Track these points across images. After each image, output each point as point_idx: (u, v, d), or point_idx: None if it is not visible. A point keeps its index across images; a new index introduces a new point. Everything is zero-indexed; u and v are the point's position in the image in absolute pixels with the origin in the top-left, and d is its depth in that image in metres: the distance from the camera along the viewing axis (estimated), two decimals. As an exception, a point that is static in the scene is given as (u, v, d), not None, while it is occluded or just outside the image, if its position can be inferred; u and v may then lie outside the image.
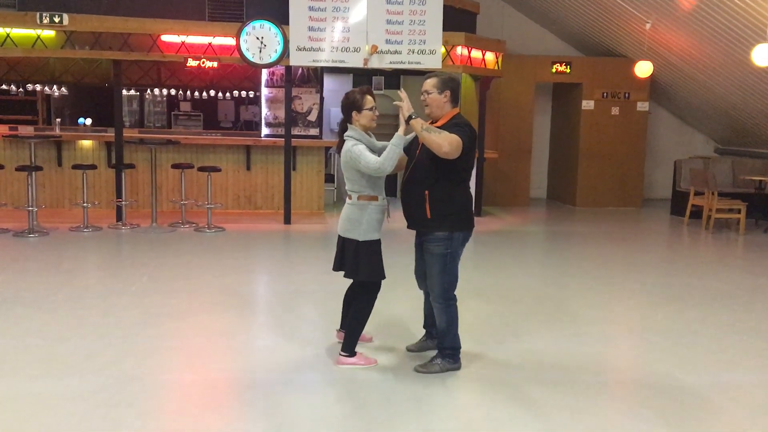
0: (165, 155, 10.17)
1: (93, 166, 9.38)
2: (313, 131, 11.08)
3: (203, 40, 9.43)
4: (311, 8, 9.25)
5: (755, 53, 7.80)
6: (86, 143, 10.25)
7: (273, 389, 4.04)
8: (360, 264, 4.23)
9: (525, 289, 6.58)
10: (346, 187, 4.31)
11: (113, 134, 9.72)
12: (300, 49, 9.32)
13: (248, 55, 9.35)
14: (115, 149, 9.68)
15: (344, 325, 4.58)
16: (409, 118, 4.10)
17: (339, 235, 4.37)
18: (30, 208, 8.56)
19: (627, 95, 12.59)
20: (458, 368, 4.35)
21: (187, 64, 9.55)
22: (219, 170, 9.62)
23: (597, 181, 12.70)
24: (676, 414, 3.84)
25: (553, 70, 12.51)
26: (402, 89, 4.24)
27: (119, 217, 9.47)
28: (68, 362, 4.37)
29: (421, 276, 4.53)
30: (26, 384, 4.02)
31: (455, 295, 4.33)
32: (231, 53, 9.49)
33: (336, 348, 4.75)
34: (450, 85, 4.27)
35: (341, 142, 4.28)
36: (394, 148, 4.09)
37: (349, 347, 4.38)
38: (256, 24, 9.30)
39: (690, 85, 12.04)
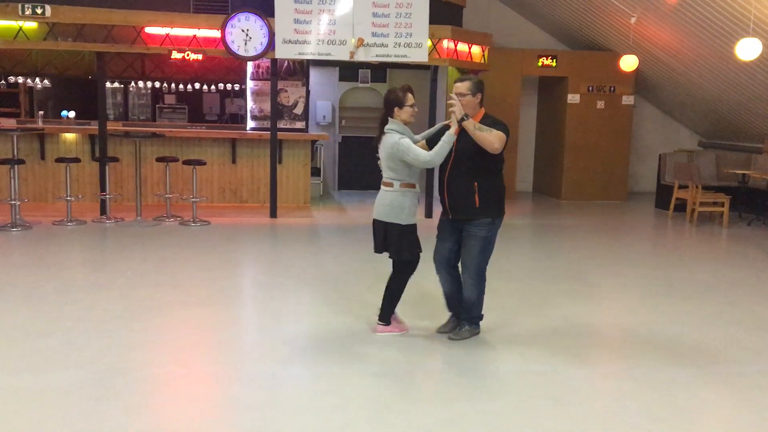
0: (149, 148, 10.10)
1: (77, 159, 9.29)
2: (300, 124, 11.04)
3: (188, 32, 9.35)
4: (297, 0, 9.20)
5: (739, 47, 7.84)
6: (69, 136, 10.15)
7: (260, 383, 4.03)
8: (403, 245, 4.67)
9: (511, 282, 6.60)
10: (386, 176, 4.68)
11: (97, 127, 9.64)
12: (286, 42, 9.28)
13: (233, 48, 9.29)
14: (99, 142, 9.59)
15: (383, 318, 4.93)
16: (462, 119, 4.49)
17: (378, 221, 4.71)
18: (12, 202, 8.47)
19: (612, 89, 12.65)
20: (479, 333, 4.90)
21: (172, 57, 9.47)
22: (204, 163, 9.56)
23: (582, 174, 12.76)
24: (662, 406, 3.87)
25: (539, 64, 12.53)
26: (453, 95, 4.58)
27: (103, 211, 9.39)
28: (52, 356, 4.34)
29: (442, 260, 4.87)
30: (10, 379, 3.98)
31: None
32: (216, 45, 9.42)
33: (324, 339, 4.76)
34: (480, 87, 4.69)
35: (381, 134, 4.67)
36: (446, 145, 4.50)
37: (386, 317, 4.84)
38: (242, 16, 9.24)
39: (674, 78, 12.12)
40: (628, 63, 10.85)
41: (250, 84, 10.92)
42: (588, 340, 5.00)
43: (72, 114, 11.61)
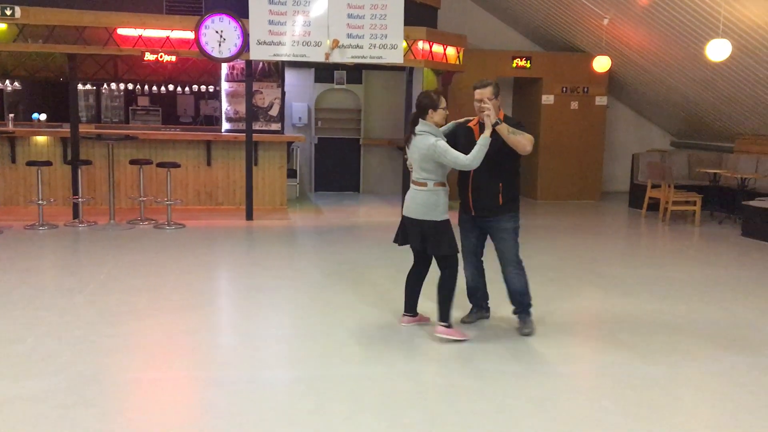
0: (123, 151, 9.98)
1: (48, 163, 9.16)
2: (275, 126, 10.98)
3: (161, 33, 9.26)
4: (271, 2, 9.16)
5: (709, 48, 7.96)
6: (41, 139, 10.00)
7: (236, 387, 4.00)
8: (442, 240, 4.76)
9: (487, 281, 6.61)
10: (418, 177, 4.78)
11: (69, 130, 9.50)
12: (260, 43, 9.23)
13: (207, 49, 9.23)
14: (71, 145, 9.46)
15: (409, 309, 5.13)
16: (496, 123, 4.66)
17: (413, 219, 4.81)
18: (-18, 206, 8.32)
19: (586, 90, 12.77)
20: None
21: (145, 58, 9.37)
22: (178, 166, 9.48)
23: (557, 174, 12.86)
24: (636, 404, 3.91)
25: (514, 65, 12.62)
26: (487, 99, 4.72)
27: (76, 215, 9.26)
28: (24, 363, 4.26)
29: (470, 253, 5.11)
30: (-20, 387, 3.90)
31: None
32: (190, 47, 9.35)
33: (301, 342, 4.74)
34: (498, 90, 4.88)
35: (410, 135, 4.79)
36: (482, 148, 4.62)
37: (445, 316, 4.82)
38: (215, 17, 9.18)
39: (647, 79, 12.27)
40: (601, 64, 10.97)
41: (224, 85, 10.84)
42: (563, 340, 5.03)
43: (43, 116, 11.44)
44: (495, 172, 4.82)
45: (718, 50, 7.90)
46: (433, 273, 4.96)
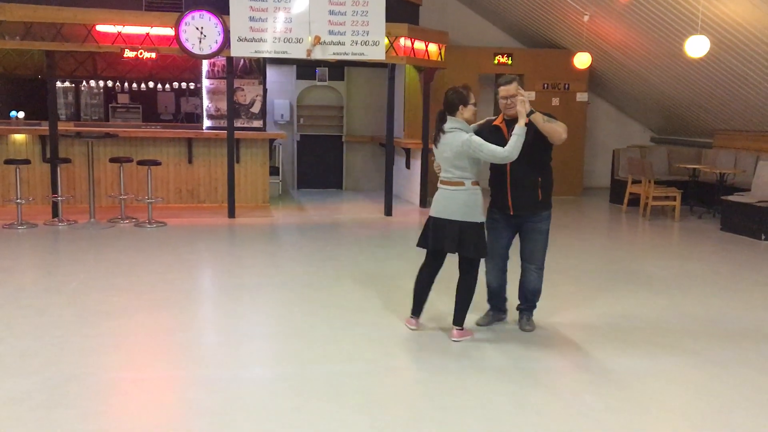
0: (103, 149, 9.89)
1: (27, 161, 9.06)
2: (257, 123, 10.94)
3: (140, 30, 9.18)
4: (252, -2, 9.11)
5: (688, 45, 8.03)
6: (19, 137, 9.88)
7: (217, 385, 3.98)
8: (479, 243, 4.65)
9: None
10: (452, 176, 4.62)
11: (47, 128, 9.40)
12: (241, 40, 9.18)
13: (188, 46, 9.17)
14: (50, 143, 9.36)
15: (419, 310, 4.98)
16: (530, 113, 4.57)
17: (452, 221, 4.59)
18: (-41, 206, 8.22)
19: (567, 86, 12.84)
20: None
21: (124, 55, 9.29)
22: (159, 164, 9.41)
23: (539, 170, 12.90)
24: (616, 397, 3.94)
25: (495, 62, 12.65)
26: (519, 87, 4.68)
27: (55, 213, 9.17)
28: (3, 363, 4.21)
29: (499, 256, 4.95)
30: (-43, 388, 3.85)
31: None
32: (170, 44, 9.27)
33: (283, 340, 4.73)
34: (521, 85, 4.79)
35: (439, 134, 4.65)
36: (519, 138, 4.49)
37: (461, 320, 4.78)
38: (196, 14, 9.12)
39: (627, 75, 12.36)
40: (582, 60, 11.03)
41: (205, 82, 10.78)
42: (543, 333, 5.06)
43: (21, 114, 11.30)
44: (532, 165, 4.69)
45: (696, 47, 7.96)
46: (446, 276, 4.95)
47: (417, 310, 4.99)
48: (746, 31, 8.46)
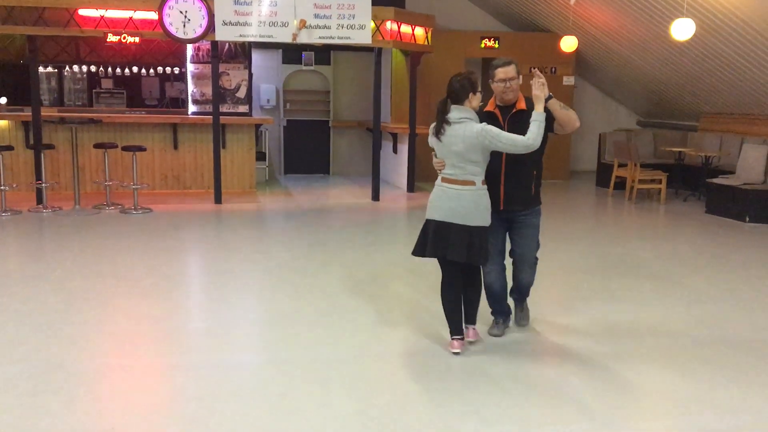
0: (87, 135, 9.80)
1: (10, 147, 8.95)
2: (243, 108, 10.86)
3: (123, 14, 9.06)
4: (236, -19, 9.02)
5: (673, 28, 8.04)
6: (1, 123, 9.76)
7: (205, 372, 3.98)
8: (486, 248, 4.23)
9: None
10: (460, 173, 4.11)
11: (30, 113, 9.28)
12: (226, 24, 9.09)
13: (171, 30, 9.06)
14: (33, 129, 9.25)
15: (461, 330, 4.34)
16: (549, 97, 4.24)
17: (461, 225, 4.09)
18: (-59, 193, 8.12)
19: (553, 70, 12.83)
20: None
21: (108, 40, 9.19)
22: (144, 149, 9.34)
23: (526, 154, 12.92)
24: (600, 379, 3.98)
25: (482, 45, 12.62)
26: (537, 69, 4.41)
27: (40, 200, 9.09)
28: (-13, 352, 4.19)
29: (498, 253, 4.54)
30: (-58, 377, 3.83)
31: None
32: (153, 28, 9.17)
33: (271, 326, 4.73)
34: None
35: (443, 125, 4.11)
36: (541, 124, 4.10)
37: (475, 317, 4.50)
38: (180, -3, 9.01)
39: (613, 59, 12.36)
40: (568, 44, 11.02)
41: (190, 67, 10.68)
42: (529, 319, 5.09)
43: (3, 100, 11.17)
44: (530, 158, 4.27)
45: (682, 29, 7.98)
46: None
47: (460, 329, 4.34)
48: (731, 14, 8.48)
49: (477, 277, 4.42)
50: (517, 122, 4.23)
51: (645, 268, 6.60)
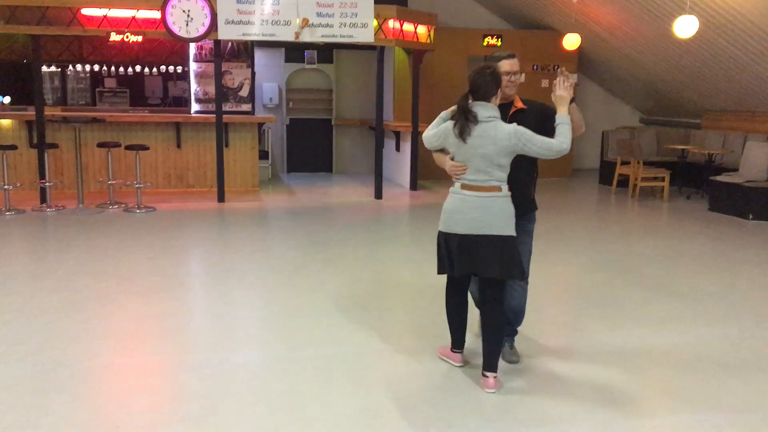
0: (90, 134, 9.83)
1: (13, 147, 8.97)
2: (246, 107, 10.88)
3: (126, 13, 9.09)
4: (239, -20, 9.03)
5: (676, 25, 8.03)
6: (5, 122, 9.79)
7: (207, 370, 3.99)
8: (520, 259, 3.79)
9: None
10: (487, 178, 3.68)
11: (34, 113, 9.32)
12: (229, 23, 9.11)
13: (174, 29, 9.08)
14: (37, 128, 9.29)
15: (462, 344, 4.08)
16: (571, 101, 3.88)
17: (491, 236, 3.66)
18: (-54, 192, 8.16)
19: (556, 67, 12.80)
20: None
21: (111, 39, 9.19)
22: (147, 148, 9.36)
23: (529, 152, 12.92)
24: (602, 372, 3.98)
25: (485, 43, 12.60)
26: (564, 68, 3.98)
27: (43, 199, 9.12)
28: (-9, 351, 4.21)
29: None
30: (-54, 375, 3.85)
31: None
32: (156, 27, 9.19)
33: (273, 324, 4.74)
34: None
35: (466, 124, 3.66)
36: (568, 127, 3.73)
37: (497, 363, 3.83)
38: (182, -4, 9.03)
39: (616, 57, 12.34)
40: (571, 42, 11.02)
41: (193, 66, 10.70)
42: (531, 316, 5.09)
43: (7, 99, 11.20)
44: (531, 160, 3.97)
45: (685, 27, 7.97)
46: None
47: (462, 343, 4.08)
48: (735, 11, 8.46)
49: (496, 304, 3.79)
50: (517, 123, 3.80)
51: (647, 266, 6.60)
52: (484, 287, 3.81)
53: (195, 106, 10.75)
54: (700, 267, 6.61)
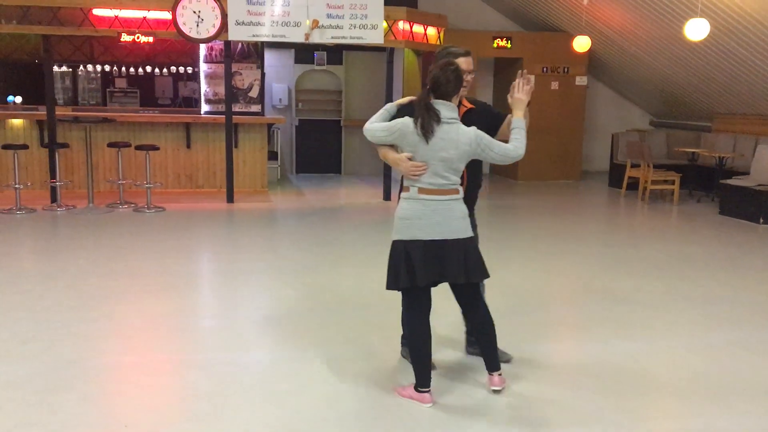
0: (101, 134, 9.87)
1: (25, 146, 9.03)
2: (255, 108, 10.91)
3: (137, 14, 9.13)
4: (249, -19, 9.06)
5: (687, 28, 7.99)
6: (17, 122, 9.85)
7: (217, 369, 4.00)
8: (482, 260, 3.69)
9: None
10: (445, 182, 3.51)
11: (45, 112, 9.37)
12: (239, 24, 9.13)
13: (185, 30, 9.12)
14: (48, 128, 9.34)
15: (426, 382, 3.65)
16: (528, 102, 3.72)
17: (457, 240, 3.53)
18: (-43, 191, 8.21)
19: (566, 70, 12.79)
20: None
21: (121, 39, 9.24)
22: (157, 149, 9.39)
23: (538, 154, 12.86)
24: (613, 379, 3.97)
25: (495, 45, 12.60)
26: (526, 71, 3.76)
27: (54, 199, 9.17)
28: (2, 348, 4.23)
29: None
30: (-43, 372, 3.88)
31: None
32: (167, 28, 9.23)
33: (282, 324, 4.74)
34: None
35: (432, 124, 3.42)
36: (523, 132, 3.58)
37: (499, 362, 3.80)
38: (193, -3, 9.07)
39: (626, 59, 12.30)
40: (581, 44, 10.98)
41: (203, 67, 10.74)
42: (541, 317, 5.08)
43: (18, 99, 11.28)
44: (478, 163, 3.83)
45: (696, 30, 7.93)
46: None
47: (428, 380, 3.63)
48: (746, 14, 8.42)
49: (483, 306, 3.74)
50: (467, 124, 3.58)
51: (657, 269, 6.57)
52: (461, 292, 3.71)
53: (205, 107, 10.79)
54: (710, 271, 6.57)
